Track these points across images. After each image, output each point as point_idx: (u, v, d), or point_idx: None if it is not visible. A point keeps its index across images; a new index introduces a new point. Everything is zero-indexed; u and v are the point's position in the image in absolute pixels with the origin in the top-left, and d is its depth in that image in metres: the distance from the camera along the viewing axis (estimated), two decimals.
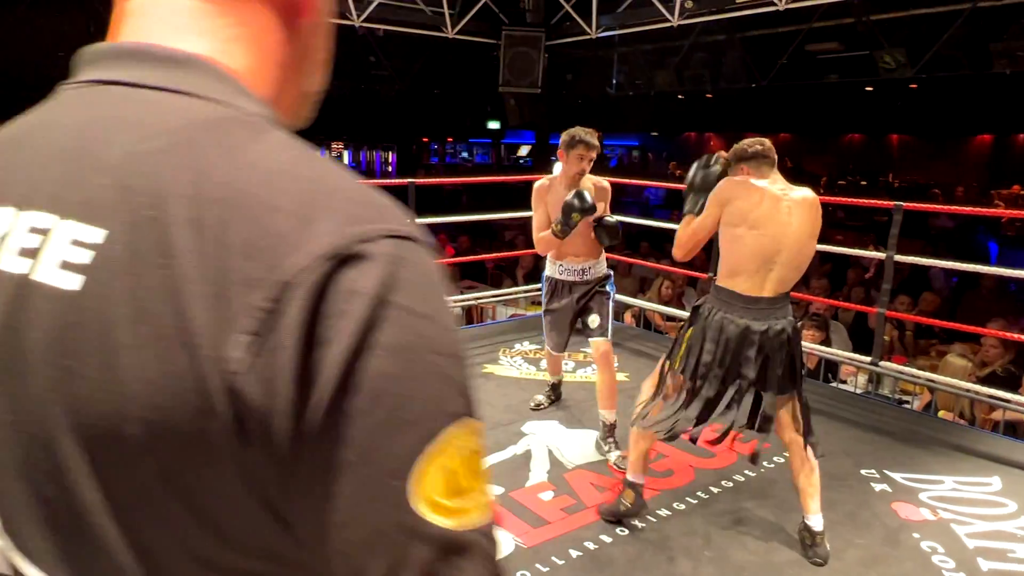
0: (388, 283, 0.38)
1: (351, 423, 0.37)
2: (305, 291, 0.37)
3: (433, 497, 0.38)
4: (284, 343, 0.37)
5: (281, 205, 0.39)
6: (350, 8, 6.45)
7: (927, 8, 7.01)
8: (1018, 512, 2.76)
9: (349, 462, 0.37)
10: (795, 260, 2.32)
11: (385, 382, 0.37)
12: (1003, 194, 13.81)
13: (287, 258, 0.37)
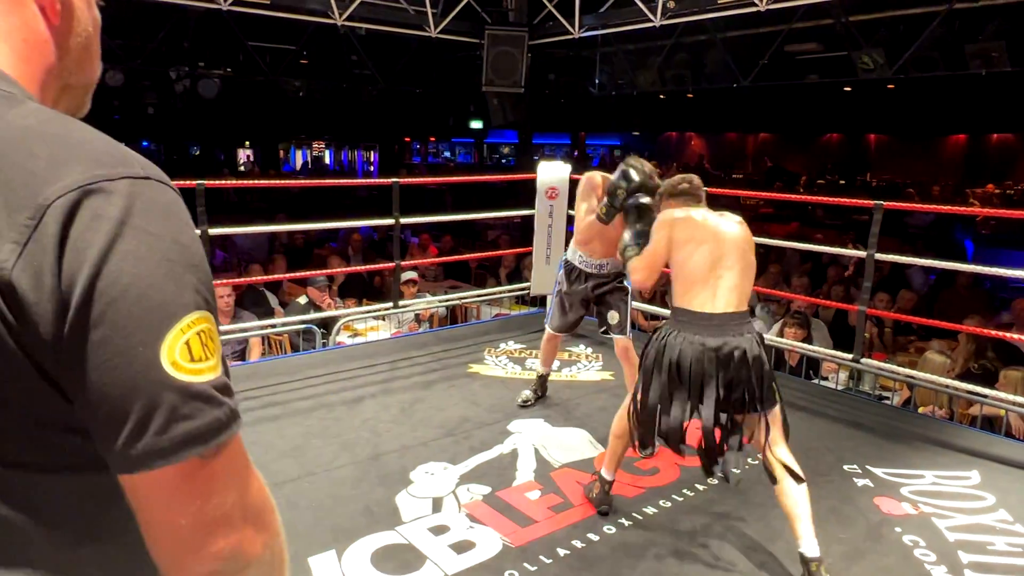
0: (126, 210, 0.52)
1: (104, 308, 0.50)
2: (60, 211, 0.50)
3: (176, 360, 0.52)
4: (46, 248, 0.49)
5: (37, 152, 0.52)
6: (332, 7, 6.41)
7: (904, 10, 7.12)
8: (996, 505, 2.81)
9: (106, 336, 0.50)
10: (740, 263, 2.34)
11: (129, 279, 0.51)
12: (978, 193, 14.07)
13: (45, 189, 0.50)
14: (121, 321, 0.51)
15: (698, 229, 2.39)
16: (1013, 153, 15.66)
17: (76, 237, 0.50)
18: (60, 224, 0.50)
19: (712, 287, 2.33)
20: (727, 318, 2.30)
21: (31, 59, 0.62)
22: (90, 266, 0.50)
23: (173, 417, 0.53)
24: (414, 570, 2.30)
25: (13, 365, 0.50)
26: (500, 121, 8.29)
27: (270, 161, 20.81)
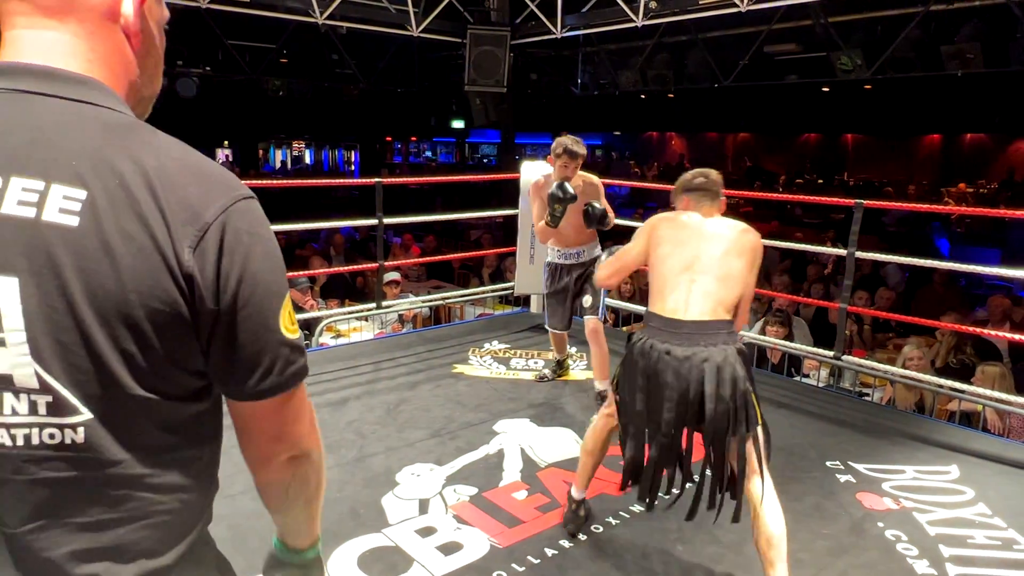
0: (251, 223, 0.74)
1: (249, 294, 0.73)
2: (217, 228, 0.71)
3: (287, 325, 0.77)
4: (209, 252, 0.70)
5: (188, 184, 0.71)
6: (312, 5, 6.35)
7: (882, 11, 7.22)
8: (976, 499, 2.86)
9: (250, 313, 0.74)
10: (720, 269, 2.15)
11: (261, 274, 0.74)
12: (952, 192, 14.32)
13: (205, 212, 0.71)
14: (259, 303, 0.75)
15: (682, 230, 2.26)
16: (986, 153, 15.96)
17: (228, 245, 0.72)
18: (218, 236, 0.71)
19: (685, 292, 2.14)
20: (699, 327, 2.10)
21: (121, 78, 0.78)
22: (239, 266, 0.73)
23: (287, 363, 0.79)
24: (401, 572, 2.29)
25: (181, 327, 0.71)
26: (482, 121, 8.28)
27: (249, 161, 20.61)
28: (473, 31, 7.42)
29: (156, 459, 0.75)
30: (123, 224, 0.67)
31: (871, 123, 16.30)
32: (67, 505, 0.72)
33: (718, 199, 2.34)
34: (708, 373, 2.04)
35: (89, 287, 0.67)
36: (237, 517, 2.58)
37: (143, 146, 0.71)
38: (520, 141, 10.89)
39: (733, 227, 2.27)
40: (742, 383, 2.07)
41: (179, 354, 0.73)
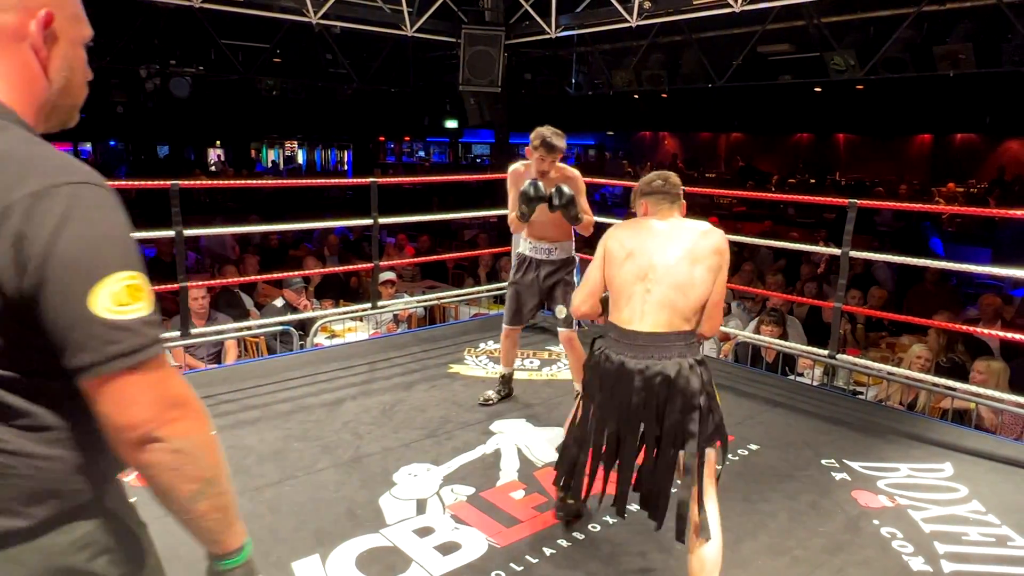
0: (68, 207, 0.79)
1: (50, 274, 0.78)
2: (20, 210, 0.78)
3: (106, 305, 0.80)
4: (7, 235, 0.77)
5: (7, 170, 0.80)
6: (306, 5, 6.34)
7: (875, 12, 7.26)
8: (969, 496, 2.88)
9: (52, 291, 0.79)
10: (672, 278, 2.04)
11: (67, 255, 0.78)
12: (943, 191, 14.40)
13: (10, 195, 0.78)
14: (61, 282, 0.80)
15: (637, 237, 2.14)
16: (976, 153, 16.06)
17: (31, 228, 0.78)
18: (20, 219, 0.78)
19: (640, 302, 2.06)
20: (653, 338, 2.02)
21: (25, 90, 0.90)
22: (40, 247, 0.79)
23: (106, 342, 0.82)
24: (400, 572, 2.29)
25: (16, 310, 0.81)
26: (477, 120, 8.28)
27: (242, 161, 20.53)
28: (467, 31, 7.43)
29: (6, 425, 0.85)
30: None
31: (862, 123, 16.38)
32: None
33: (678, 201, 2.23)
34: (659, 386, 1.98)
35: None
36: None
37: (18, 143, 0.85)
38: (514, 141, 10.88)
39: (693, 230, 2.14)
40: (697, 397, 1.98)
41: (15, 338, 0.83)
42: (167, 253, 7.50)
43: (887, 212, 12.02)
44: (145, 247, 9.43)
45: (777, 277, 6.59)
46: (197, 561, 2.43)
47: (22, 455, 0.86)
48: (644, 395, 2.00)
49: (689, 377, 1.99)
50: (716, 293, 2.10)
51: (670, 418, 1.99)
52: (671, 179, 2.24)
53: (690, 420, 1.99)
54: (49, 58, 0.91)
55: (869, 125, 16.33)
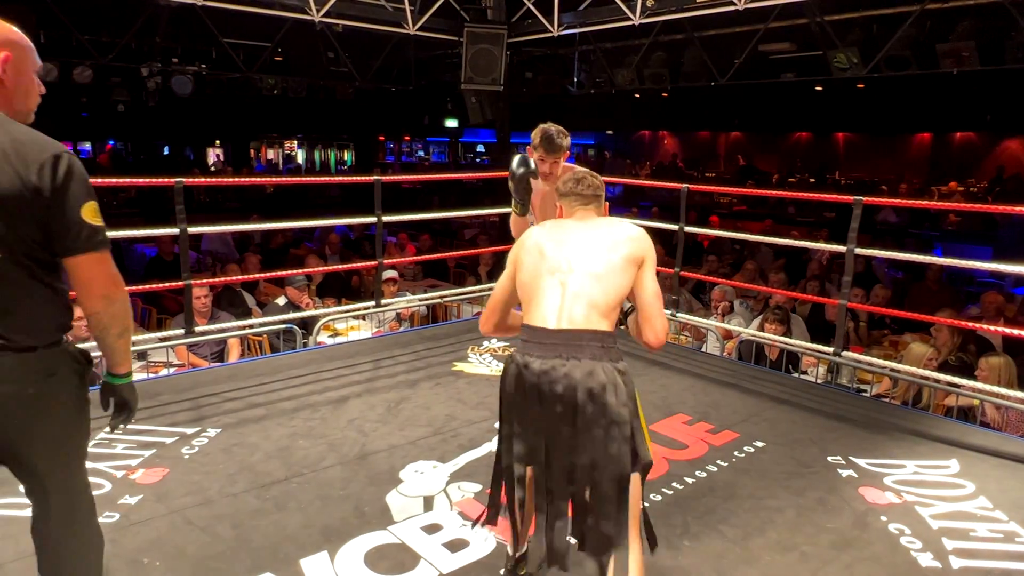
0: (72, 163, 1.53)
1: (65, 197, 1.51)
2: (49, 165, 1.50)
3: (90, 216, 1.54)
4: (45, 175, 1.49)
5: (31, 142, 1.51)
6: (309, 3, 6.33)
7: (878, 10, 7.25)
8: (976, 493, 2.88)
9: (67, 206, 1.51)
10: (589, 267, 1.84)
11: (70, 188, 1.51)
12: (942, 190, 14.42)
13: (42, 155, 1.50)
14: (70, 202, 1.51)
15: (549, 236, 1.94)
16: (976, 151, 16.06)
17: (56, 172, 1.49)
18: (49, 169, 1.49)
19: (555, 295, 1.81)
20: (565, 336, 1.75)
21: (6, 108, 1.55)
22: (59, 182, 1.49)
23: (90, 234, 1.53)
24: (408, 570, 2.28)
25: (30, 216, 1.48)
26: (478, 119, 8.28)
27: (241, 160, 20.50)
28: (470, 29, 7.42)
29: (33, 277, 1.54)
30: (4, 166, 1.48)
31: (862, 121, 16.38)
32: None
33: (594, 203, 2.04)
34: (565, 392, 1.71)
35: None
36: (240, 515, 2.57)
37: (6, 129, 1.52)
38: (515, 140, 10.87)
39: (609, 222, 1.98)
40: (614, 409, 1.70)
41: (34, 226, 1.51)
42: (168, 252, 7.49)
43: (888, 211, 12.04)
44: (146, 247, 9.42)
45: (780, 275, 6.59)
46: (203, 559, 2.42)
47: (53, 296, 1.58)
48: (548, 403, 1.73)
49: (605, 384, 1.70)
50: (648, 291, 1.88)
51: (583, 434, 1.71)
52: (585, 180, 2.05)
53: (609, 439, 1.70)
54: (10, 82, 1.57)
55: (869, 124, 16.33)
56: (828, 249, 6.37)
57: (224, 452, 3.05)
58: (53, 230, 1.51)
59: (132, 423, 3.28)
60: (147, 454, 3.01)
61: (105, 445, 3.09)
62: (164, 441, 3.14)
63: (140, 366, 4.47)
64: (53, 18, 7.81)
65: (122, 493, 2.68)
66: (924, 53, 6.99)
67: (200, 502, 2.65)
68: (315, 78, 10.23)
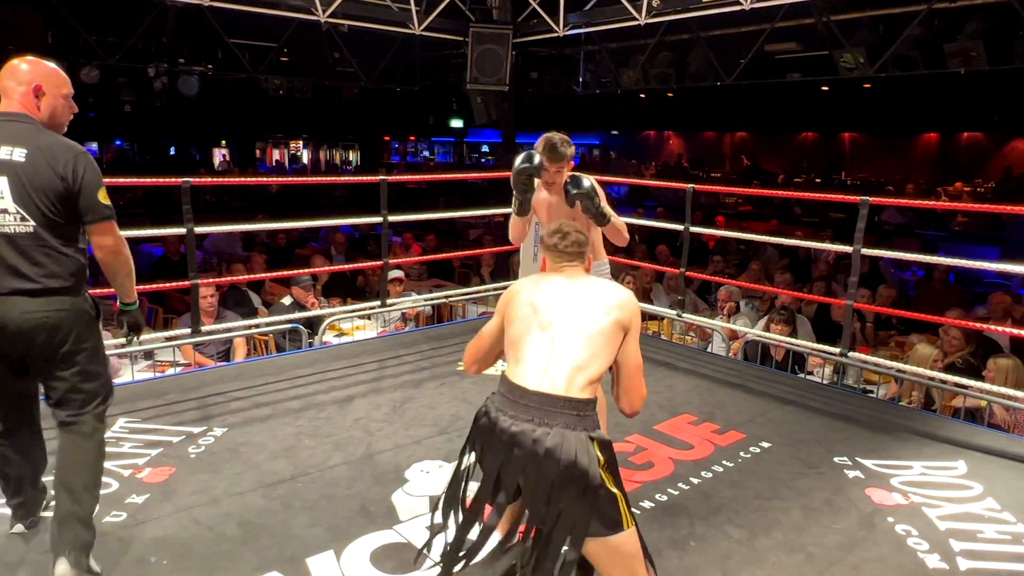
0: (88, 161, 2.16)
1: (84, 187, 2.12)
2: (73, 159, 2.12)
3: (102, 197, 2.17)
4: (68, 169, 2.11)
5: (56, 146, 2.13)
6: (315, 3, 6.34)
7: (885, 9, 7.23)
8: (984, 494, 2.87)
9: (87, 190, 2.13)
10: (581, 329, 1.82)
11: (87, 177, 2.13)
12: (948, 190, 14.36)
13: (66, 156, 2.12)
14: (90, 188, 2.13)
15: (541, 291, 1.93)
16: (983, 152, 15.99)
17: (79, 166, 2.11)
18: (74, 164, 2.10)
19: (542, 354, 1.80)
20: (542, 400, 1.72)
21: (37, 115, 2.17)
22: (82, 175, 2.11)
23: (104, 210, 2.17)
24: (414, 569, 2.29)
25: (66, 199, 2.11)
26: (483, 119, 8.28)
27: (247, 160, 20.56)
28: (475, 29, 7.42)
29: (59, 241, 2.12)
30: (38, 161, 2.07)
31: (869, 122, 16.32)
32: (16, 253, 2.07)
33: (578, 259, 2.02)
34: (526, 457, 1.69)
35: (29, 180, 2.06)
36: (248, 514, 2.58)
37: (41, 136, 2.11)
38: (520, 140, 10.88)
39: (600, 283, 1.98)
40: (586, 480, 1.66)
41: (62, 205, 2.09)
42: (174, 252, 7.51)
43: (893, 211, 12.00)
44: (153, 246, 9.45)
45: (785, 276, 6.57)
46: (212, 557, 2.43)
47: (73, 254, 2.16)
48: (514, 463, 1.72)
49: (575, 455, 1.67)
50: (630, 361, 1.89)
51: (555, 504, 1.69)
52: (569, 236, 2.01)
53: (576, 506, 1.68)
54: (42, 98, 2.17)
55: (875, 124, 16.27)
56: (834, 249, 6.35)
57: (230, 451, 3.06)
58: (79, 207, 2.12)
59: (139, 422, 3.31)
60: (154, 453, 3.02)
61: (112, 444, 3.10)
62: (171, 440, 3.15)
63: (147, 365, 4.49)
64: (61, 19, 7.84)
65: (129, 492, 2.69)
66: (931, 53, 6.96)
67: (207, 501, 2.66)
68: (320, 78, 10.25)
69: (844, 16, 7.46)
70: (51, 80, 2.18)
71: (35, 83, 2.14)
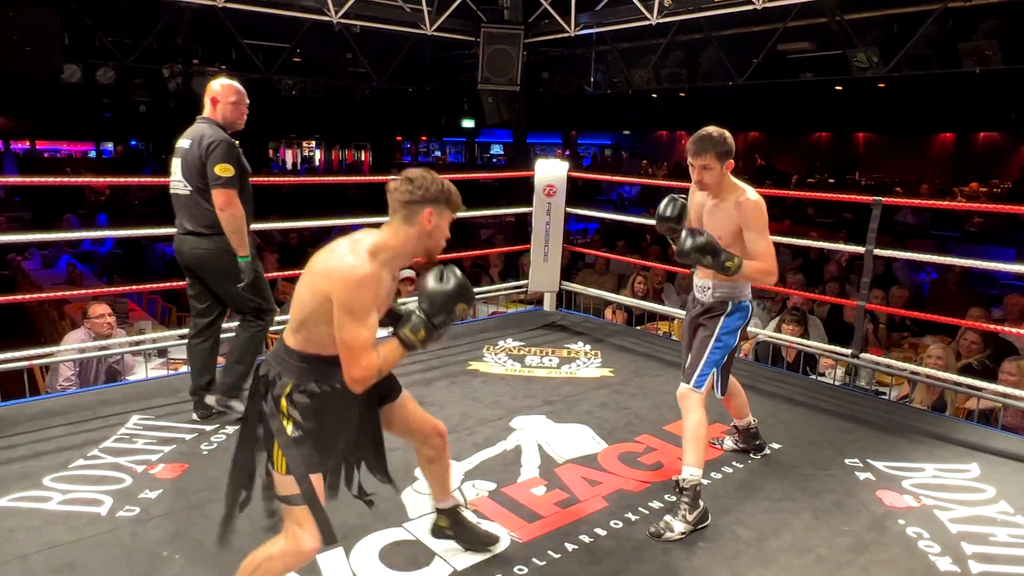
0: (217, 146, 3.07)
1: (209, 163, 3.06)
2: (207, 146, 3.06)
3: (220, 170, 3.04)
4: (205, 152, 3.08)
5: (206, 135, 3.10)
6: (327, 4, 6.38)
7: (899, 8, 7.16)
8: (997, 497, 2.84)
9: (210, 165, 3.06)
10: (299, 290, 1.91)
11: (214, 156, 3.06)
12: (964, 191, 14.22)
13: (206, 142, 3.09)
14: (212, 163, 3.03)
15: None
16: (999, 152, 15.82)
17: (211, 149, 3.05)
18: (207, 148, 3.05)
19: None
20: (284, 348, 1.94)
21: (212, 116, 3.18)
22: (210, 154, 3.04)
23: (216, 178, 3.03)
24: (423, 566, 2.30)
25: (197, 170, 3.08)
26: (495, 119, 8.28)
27: (260, 160, 20.70)
28: (487, 30, 7.43)
29: (207, 198, 3.08)
30: (193, 148, 3.09)
31: (883, 122, 16.18)
32: (184, 208, 3.16)
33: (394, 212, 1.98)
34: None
35: (187, 161, 3.10)
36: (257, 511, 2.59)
37: (203, 130, 3.12)
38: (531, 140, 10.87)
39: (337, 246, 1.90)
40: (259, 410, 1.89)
41: (201, 172, 3.07)
42: None
43: (906, 211, 11.90)
44: (167, 245, 9.54)
45: (797, 276, 6.54)
46: (221, 553, 2.45)
47: (212, 209, 3.07)
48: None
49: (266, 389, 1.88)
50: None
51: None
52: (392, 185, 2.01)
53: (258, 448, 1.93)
54: (221, 104, 3.17)
55: (890, 123, 16.13)
56: (846, 250, 6.31)
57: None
58: (207, 177, 3.02)
59: (152, 419, 3.35)
60: (167, 449, 3.06)
61: (126, 441, 3.14)
62: (183, 437, 3.18)
63: (160, 363, 4.53)
64: (78, 20, 7.93)
65: (142, 487, 2.72)
66: (946, 52, 6.89)
67: (218, 497, 2.67)
68: (333, 78, 10.30)
69: (858, 15, 7.40)
70: (222, 93, 3.14)
71: (212, 95, 3.16)
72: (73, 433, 3.21)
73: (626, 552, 2.42)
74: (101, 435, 3.18)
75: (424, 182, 1.93)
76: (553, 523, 2.57)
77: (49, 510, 2.57)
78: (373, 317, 1.81)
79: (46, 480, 2.77)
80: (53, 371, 4.42)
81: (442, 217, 1.97)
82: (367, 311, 1.78)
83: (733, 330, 2.70)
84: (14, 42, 6.24)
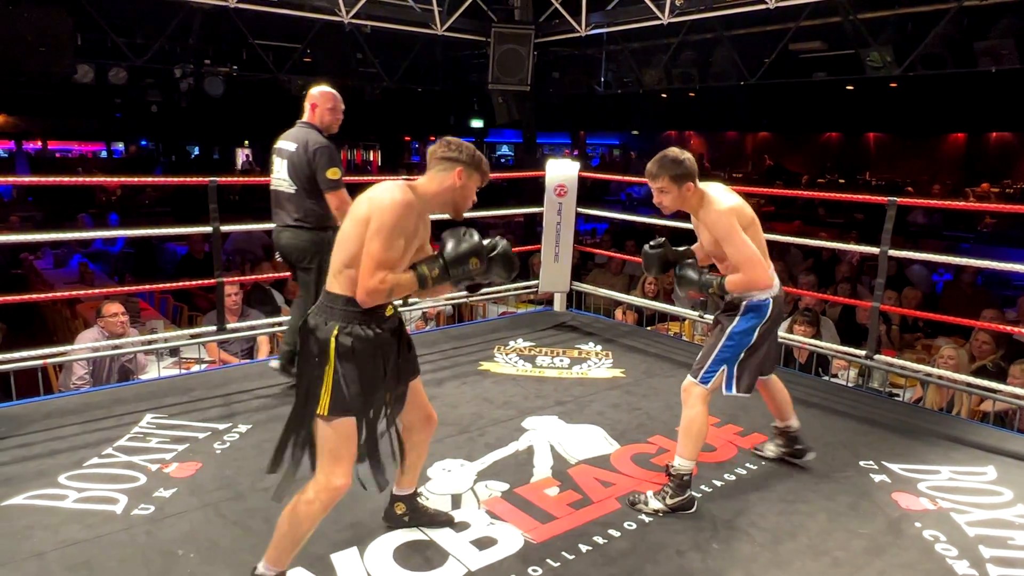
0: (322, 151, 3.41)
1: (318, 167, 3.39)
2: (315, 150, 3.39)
3: (330, 174, 3.39)
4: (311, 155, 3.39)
5: (310, 140, 3.41)
6: (338, 5, 6.39)
7: (913, 7, 7.10)
8: (1015, 500, 2.81)
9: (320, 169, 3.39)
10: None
11: (322, 163, 3.41)
12: (976, 191, 14.12)
13: (312, 147, 3.39)
14: (322, 168, 3.34)
15: None
16: (1012, 152, 15.70)
17: (318, 154, 3.36)
18: (315, 152, 3.35)
19: None
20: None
21: (312, 120, 3.49)
22: (318, 159, 3.35)
23: (327, 182, 3.35)
24: (437, 567, 2.30)
25: (310, 170, 3.38)
26: (504, 119, 8.28)
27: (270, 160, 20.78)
28: (497, 29, 7.43)
29: (309, 197, 3.40)
30: (299, 151, 3.38)
31: (895, 121, 16.08)
32: (287, 204, 3.47)
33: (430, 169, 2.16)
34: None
35: (293, 163, 3.39)
36: (271, 510, 2.59)
37: (307, 134, 3.42)
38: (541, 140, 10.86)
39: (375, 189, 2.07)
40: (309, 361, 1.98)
41: (310, 176, 3.37)
42: (198, 251, 7.61)
43: (917, 212, 11.82)
44: (177, 245, 9.58)
45: (810, 277, 6.50)
46: (236, 551, 2.45)
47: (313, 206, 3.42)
48: None
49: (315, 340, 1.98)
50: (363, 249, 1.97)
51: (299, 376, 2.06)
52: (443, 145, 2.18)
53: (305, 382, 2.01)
54: (319, 109, 3.50)
55: (901, 123, 16.03)
56: (859, 251, 6.27)
57: (255, 448, 3.09)
58: (317, 180, 3.32)
59: (166, 418, 3.36)
60: (180, 448, 3.07)
61: (139, 439, 3.15)
62: (197, 436, 3.20)
63: (173, 362, 4.55)
64: (90, 21, 7.97)
65: (156, 486, 2.73)
66: (961, 51, 6.83)
67: (232, 496, 2.69)
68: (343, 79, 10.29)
69: (871, 14, 7.34)
70: (320, 99, 3.45)
71: (312, 102, 3.46)
72: (87, 432, 3.23)
73: (640, 553, 2.41)
74: (115, 434, 3.20)
75: (460, 146, 2.15)
76: (567, 524, 2.56)
77: (65, 508, 2.59)
78: (400, 242, 1.98)
79: (61, 478, 2.79)
80: (67, 370, 4.44)
81: (471, 179, 2.18)
82: (397, 233, 1.96)
83: (746, 330, 2.70)
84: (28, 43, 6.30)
